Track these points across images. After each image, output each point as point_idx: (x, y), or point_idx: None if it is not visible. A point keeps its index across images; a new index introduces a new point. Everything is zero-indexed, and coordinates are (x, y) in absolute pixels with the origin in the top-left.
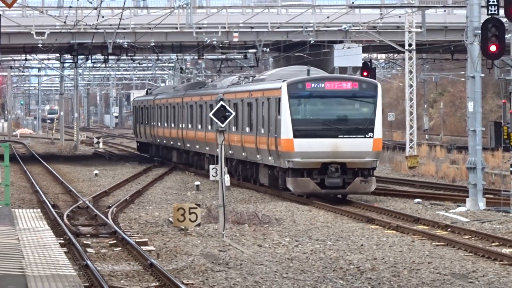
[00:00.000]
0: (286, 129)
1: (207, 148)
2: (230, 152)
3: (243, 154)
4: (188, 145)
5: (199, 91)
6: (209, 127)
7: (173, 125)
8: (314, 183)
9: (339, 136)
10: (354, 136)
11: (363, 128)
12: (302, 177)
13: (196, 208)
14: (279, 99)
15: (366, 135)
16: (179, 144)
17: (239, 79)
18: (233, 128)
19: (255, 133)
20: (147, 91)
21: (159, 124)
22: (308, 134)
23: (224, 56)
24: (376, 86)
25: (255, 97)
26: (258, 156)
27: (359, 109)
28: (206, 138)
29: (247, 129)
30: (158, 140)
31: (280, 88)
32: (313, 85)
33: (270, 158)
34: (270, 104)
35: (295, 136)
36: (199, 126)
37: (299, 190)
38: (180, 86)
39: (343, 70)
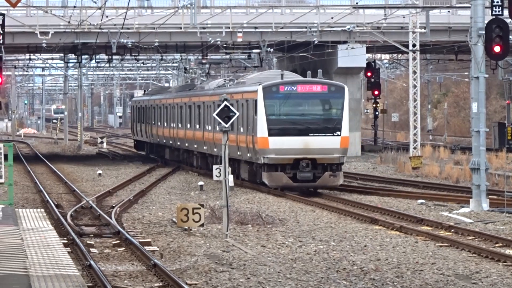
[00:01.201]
0: (262, 128)
1: (195, 146)
2: (215, 150)
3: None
4: (178, 143)
5: (189, 92)
6: (197, 126)
7: (165, 124)
8: (287, 177)
9: (310, 134)
10: (323, 134)
11: (332, 127)
12: (276, 171)
13: (199, 208)
14: (256, 100)
15: (334, 134)
16: (170, 142)
17: (224, 81)
18: (217, 128)
19: (236, 132)
20: (144, 91)
21: (153, 123)
22: (281, 133)
23: (206, 59)
24: (343, 89)
25: (236, 99)
26: (238, 153)
27: (328, 110)
28: (194, 136)
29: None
30: (152, 138)
31: (257, 91)
32: (286, 88)
33: (248, 154)
34: (248, 105)
35: (270, 134)
36: (188, 126)
37: (273, 184)
38: (173, 87)
39: (344, 70)
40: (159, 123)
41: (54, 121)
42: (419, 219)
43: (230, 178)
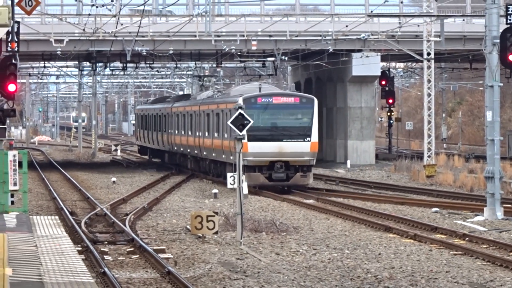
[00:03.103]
0: None
1: (188, 150)
2: (204, 153)
3: (213, 154)
4: (175, 148)
5: (183, 102)
6: (190, 132)
7: (164, 130)
8: (263, 177)
9: (284, 140)
10: (295, 140)
11: (302, 133)
12: (254, 172)
13: (214, 216)
14: None
15: (305, 139)
16: (169, 147)
17: (213, 93)
18: (206, 134)
19: (221, 138)
20: (147, 100)
21: (153, 130)
22: (259, 138)
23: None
24: (313, 100)
25: (221, 109)
26: (223, 156)
27: (300, 119)
28: (188, 142)
29: (216, 134)
30: (153, 144)
31: (238, 101)
32: (263, 99)
33: (231, 157)
34: (231, 114)
35: (249, 139)
36: (183, 132)
37: (252, 183)
38: (171, 97)
39: (359, 78)
40: (158, 130)
41: (75, 130)
42: (433, 227)
43: (245, 186)
